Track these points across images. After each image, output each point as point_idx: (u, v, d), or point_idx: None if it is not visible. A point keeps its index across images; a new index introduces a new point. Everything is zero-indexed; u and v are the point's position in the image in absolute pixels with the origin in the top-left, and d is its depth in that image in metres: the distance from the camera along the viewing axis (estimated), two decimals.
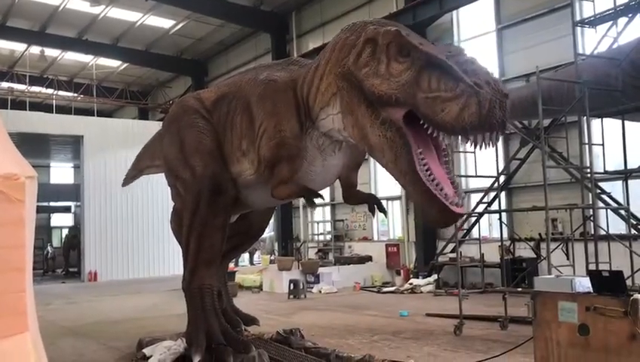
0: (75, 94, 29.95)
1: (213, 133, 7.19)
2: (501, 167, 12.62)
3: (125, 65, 28.71)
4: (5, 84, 27.76)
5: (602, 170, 11.18)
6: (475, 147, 4.47)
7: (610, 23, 10.65)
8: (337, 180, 7.06)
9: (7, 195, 2.36)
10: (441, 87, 4.40)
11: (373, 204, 6.79)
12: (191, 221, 7.06)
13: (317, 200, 6.09)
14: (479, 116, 4.20)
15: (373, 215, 6.90)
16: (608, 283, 5.24)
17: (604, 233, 10.28)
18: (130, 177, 10.30)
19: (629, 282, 8.49)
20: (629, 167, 10.79)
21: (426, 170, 4.61)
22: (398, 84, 4.67)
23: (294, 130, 6.10)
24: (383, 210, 6.80)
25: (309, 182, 6.31)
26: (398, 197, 18.48)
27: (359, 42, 5.17)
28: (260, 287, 16.35)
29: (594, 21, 10.92)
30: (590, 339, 5.15)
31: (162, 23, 24.29)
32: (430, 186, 4.56)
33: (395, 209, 18.95)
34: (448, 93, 4.34)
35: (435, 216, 4.68)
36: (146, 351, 7.59)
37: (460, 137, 4.41)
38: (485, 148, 4.49)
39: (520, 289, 10.83)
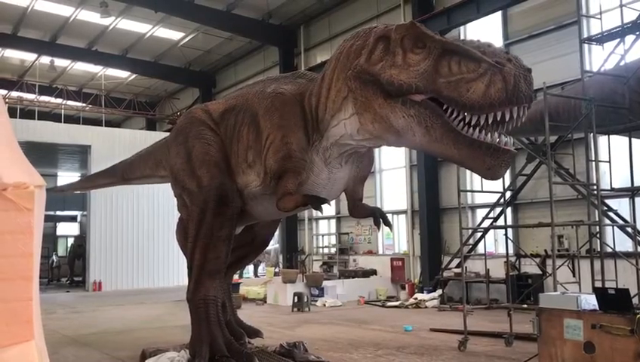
0: (84, 104, 30.18)
1: (220, 145, 7.24)
2: (507, 182, 12.60)
3: (134, 76, 28.94)
4: (15, 94, 28.01)
5: (609, 187, 11.12)
6: (503, 126, 4.49)
7: (617, 40, 10.67)
8: (343, 193, 7.08)
9: (16, 204, 2.38)
10: (462, 69, 4.49)
11: (379, 217, 6.80)
12: (196, 232, 7.08)
13: (324, 206, 6.08)
14: (506, 91, 4.27)
15: (379, 228, 6.92)
16: (614, 301, 5.23)
17: (611, 250, 10.22)
18: (106, 185, 10.32)
19: (635, 300, 8.43)
20: (635, 185, 10.74)
21: (463, 126, 4.62)
22: (417, 72, 4.75)
23: (301, 142, 6.14)
24: (388, 224, 6.81)
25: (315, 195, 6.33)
26: (404, 211, 18.46)
27: (369, 42, 5.25)
28: (264, 299, 16.31)
29: (601, 38, 10.93)
30: (596, 357, 5.12)
31: (171, 34, 24.50)
32: (473, 137, 4.57)
33: (401, 223, 18.92)
34: (471, 74, 4.42)
35: (489, 161, 4.60)
36: (149, 361, 7.58)
37: (486, 115, 4.44)
38: (514, 125, 4.52)
39: (525, 305, 10.75)
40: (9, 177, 2.39)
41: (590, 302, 5.43)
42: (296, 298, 14.36)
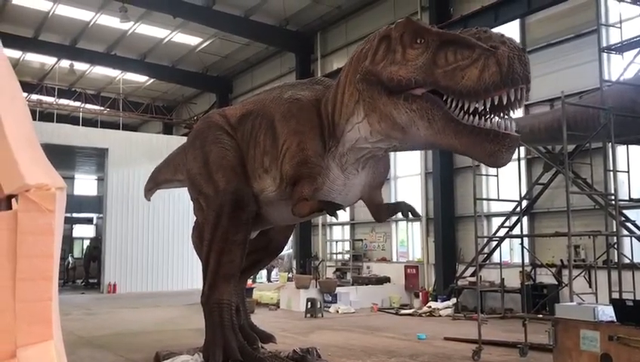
0: (102, 108, 30.48)
1: (236, 150, 7.28)
2: (524, 191, 12.51)
3: (151, 80, 29.20)
4: (35, 96, 28.38)
5: (627, 198, 11.02)
6: (503, 110, 4.46)
7: (637, 49, 10.58)
8: (359, 200, 7.08)
9: (38, 205, 2.42)
10: (457, 57, 4.49)
11: (406, 210, 6.82)
12: (212, 235, 7.12)
13: (339, 212, 6.07)
14: (500, 73, 4.25)
15: (407, 218, 6.91)
16: (632, 313, 5.17)
17: (629, 261, 10.10)
18: (147, 189, 10.45)
19: None
20: None
21: (463, 115, 4.60)
22: (416, 66, 4.78)
23: (317, 148, 6.16)
24: (415, 214, 6.82)
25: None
26: (418, 219, 18.39)
27: (374, 43, 5.30)
28: (277, 305, 16.32)
29: (621, 47, 10.86)
30: None
31: (189, 40, 24.70)
32: (474, 125, 4.55)
33: (415, 230, 18.86)
34: (466, 61, 4.42)
35: (491, 148, 4.55)
36: None
37: (484, 101, 4.42)
38: (514, 108, 4.49)
39: (541, 315, 10.66)
40: (32, 178, 2.42)
41: (607, 313, 5.37)
42: (309, 304, 14.35)
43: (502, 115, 4.60)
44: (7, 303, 2.40)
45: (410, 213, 6.80)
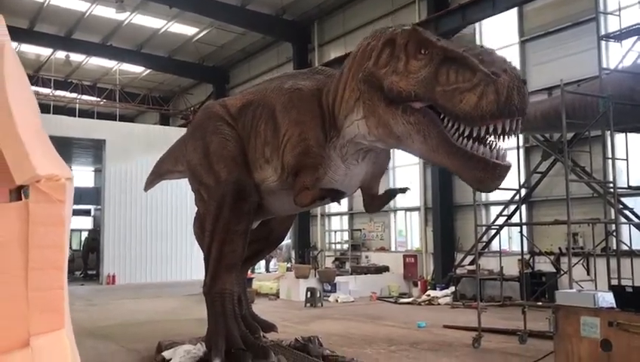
0: (98, 99, 30.40)
1: (237, 140, 7.28)
2: (522, 179, 12.55)
3: (148, 71, 29.11)
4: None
5: (625, 185, 11.07)
6: (497, 137, 4.49)
7: (635, 37, 10.59)
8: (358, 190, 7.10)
9: (49, 196, 2.43)
10: (458, 78, 4.46)
11: (394, 194, 6.90)
12: (213, 226, 7.13)
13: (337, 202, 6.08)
14: (497, 103, 4.24)
15: (400, 193, 6.94)
16: (632, 299, 5.22)
17: (627, 249, 10.17)
18: (149, 181, 10.44)
19: None
20: None
21: (458, 137, 4.60)
22: (417, 80, 4.75)
23: (318, 138, 6.16)
24: (403, 190, 6.85)
25: None
26: (417, 208, 18.45)
27: (379, 45, 5.27)
28: (277, 295, 16.39)
29: (619, 35, 10.87)
30: (613, 355, 5.12)
31: (185, 30, 24.61)
32: (466, 149, 4.55)
33: (414, 220, 18.92)
34: (466, 84, 4.39)
35: (479, 175, 4.59)
36: (166, 354, 7.66)
37: (479, 127, 4.44)
38: (507, 138, 4.51)
39: (540, 303, 10.73)
40: (42, 169, 2.44)
41: (607, 299, 5.42)
42: (308, 293, 14.42)
43: (495, 141, 4.61)
44: (19, 292, 2.42)
45: (399, 192, 6.83)
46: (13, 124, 2.44)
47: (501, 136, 4.49)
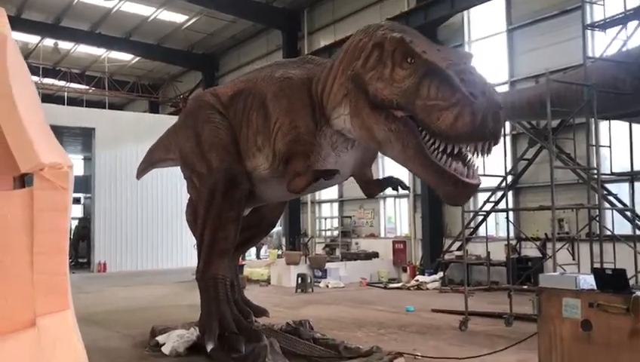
0: (87, 87, 30.22)
1: (228, 128, 7.38)
2: (509, 166, 12.75)
3: (137, 58, 28.97)
4: None
5: (609, 172, 11.30)
6: (470, 154, 4.67)
7: (619, 26, 10.75)
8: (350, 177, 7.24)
9: (53, 183, 2.56)
10: (438, 95, 4.60)
11: (396, 183, 7.05)
12: (206, 213, 7.25)
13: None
14: (472, 126, 4.39)
15: (398, 191, 7.14)
16: (612, 281, 5.40)
17: (610, 233, 10.41)
18: (141, 170, 10.52)
19: (632, 282, 8.62)
20: (635, 169, 10.91)
21: (434, 151, 4.76)
22: (400, 89, 4.89)
23: (309, 126, 6.29)
24: (404, 186, 7.04)
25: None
26: (406, 195, 18.64)
27: (368, 46, 5.38)
28: (268, 281, 16.55)
29: (604, 24, 11.02)
30: (593, 335, 5.31)
31: (175, 17, 24.51)
32: (439, 163, 4.72)
33: (403, 206, 19.12)
34: (445, 102, 4.54)
35: (449, 191, 4.79)
36: (160, 338, 7.81)
37: (453, 145, 4.60)
38: (479, 156, 4.69)
39: (525, 286, 10.97)
40: (46, 158, 2.56)
41: (588, 282, 5.60)
42: (299, 279, 14.59)
43: (470, 157, 4.77)
44: (25, 275, 2.55)
45: (399, 186, 7.00)
46: (18, 115, 2.56)
47: (474, 155, 4.65)
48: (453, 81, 4.53)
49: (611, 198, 12.47)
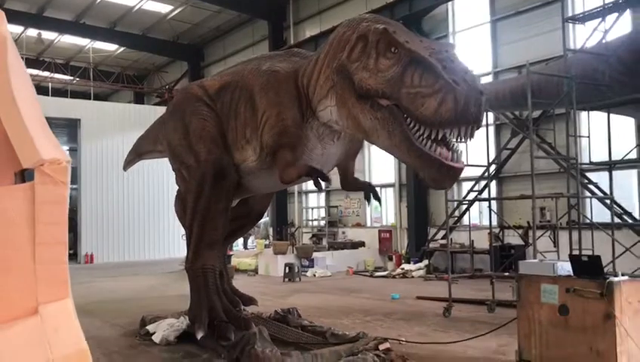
0: (72, 77, 29.99)
1: (216, 121, 7.49)
2: (492, 156, 12.97)
3: (122, 49, 28.77)
4: None
5: (588, 161, 11.57)
6: (454, 139, 4.83)
7: (599, 19, 10.96)
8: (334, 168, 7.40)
9: (52, 178, 2.68)
10: (422, 83, 4.76)
11: (369, 191, 7.16)
12: (195, 205, 7.38)
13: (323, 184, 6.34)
14: (455, 111, 4.56)
15: (369, 202, 7.27)
16: (587, 267, 5.63)
17: (589, 221, 10.68)
18: (128, 161, 10.58)
19: (610, 268, 8.89)
20: (613, 158, 11.18)
21: (419, 137, 4.92)
22: (385, 79, 5.03)
23: (296, 119, 6.42)
24: (377, 198, 7.17)
25: None
26: (392, 185, 18.86)
27: (352, 38, 5.51)
28: (256, 271, 16.71)
29: (583, 17, 11.23)
30: (569, 319, 5.54)
31: (160, 7, 24.39)
32: (424, 149, 4.88)
33: (389, 196, 19.32)
34: (428, 89, 4.70)
35: (434, 174, 4.94)
36: (150, 327, 7.95)
37: (437, 131, 4.77)
38: (462, 141, 4.85)
39: (507, 274, 11.22)
40: (46, 153, 2.69)
41: (565, 268, 5.82)
42: (287, 269, 14.76)
43: (453, 143, 4.93)
44: (27, 265, 2.68)
45: (372, 196, 7.14)
46: (18, 112, 2.68)
47: (457, 139, 4.82)
48: (435, 68, 4.69)
49: (592, 187, 12.75)
